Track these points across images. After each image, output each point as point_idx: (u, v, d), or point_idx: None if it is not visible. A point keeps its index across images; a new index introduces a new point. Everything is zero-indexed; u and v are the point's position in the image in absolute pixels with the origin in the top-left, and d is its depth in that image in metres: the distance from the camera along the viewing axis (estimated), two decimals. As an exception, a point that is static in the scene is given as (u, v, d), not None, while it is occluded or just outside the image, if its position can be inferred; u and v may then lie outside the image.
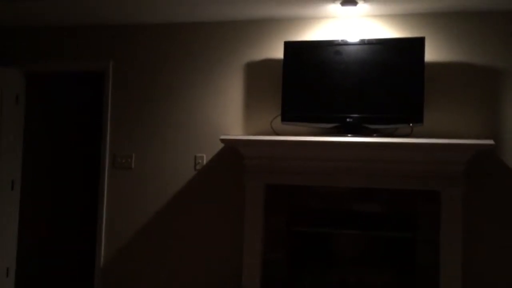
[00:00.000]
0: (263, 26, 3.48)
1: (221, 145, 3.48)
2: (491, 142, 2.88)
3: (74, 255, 4.86)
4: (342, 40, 3.21)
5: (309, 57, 3.25)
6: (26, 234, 4.06)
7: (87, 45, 3.80)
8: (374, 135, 3.12)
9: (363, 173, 3.12)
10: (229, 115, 3.52)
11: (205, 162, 3.54)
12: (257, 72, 3.48)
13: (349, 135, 3.10)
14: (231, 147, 3.40)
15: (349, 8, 3.13)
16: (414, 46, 3.10)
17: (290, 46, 3.28)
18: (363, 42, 3.18)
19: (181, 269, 3.54)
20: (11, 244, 3.81)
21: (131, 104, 3.69)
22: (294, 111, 3.25)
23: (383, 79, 3.14)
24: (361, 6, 3.11)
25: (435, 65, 3.19)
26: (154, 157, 3.64)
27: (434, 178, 3.04)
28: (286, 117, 3.25)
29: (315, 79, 3.24)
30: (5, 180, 3.77)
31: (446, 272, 2.99)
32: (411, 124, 3.06)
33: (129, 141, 3.68)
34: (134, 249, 3.63)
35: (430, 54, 3.17)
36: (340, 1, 3.03)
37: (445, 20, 3.22)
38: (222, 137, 3.21)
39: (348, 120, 3.14)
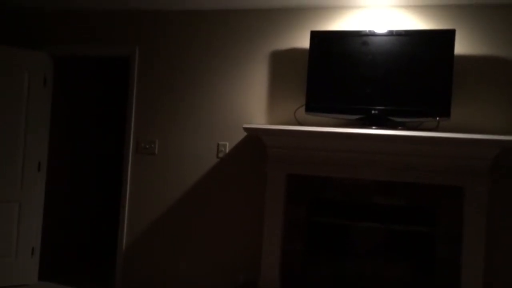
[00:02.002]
0: (289, 15, 3.46)
1: (244, 134, 3.50)
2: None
3: (97, 237, 4.97)
4: (369, 31, 3.16)
5: (335, 47, 3.22)
6: (51, 215, 4.16)
7: (114, 30, 3.83)
8: (399, 128, 3.09)
9: (386, 166, 3.10)
10: (253, 104, 3.52)
11: (227, 150, 3.56)
12: (282, 61, 3.47)
13: (373, 127, 3.07)
14: (254, 136, 3.40)
15: (378, -2, 3.08)
16: (444, 38, 3.03)
17: (317, 36, 3.25)
18: (391, 33, 3.13)
19: (201, 254, 3.59)
20: (36, 224, 3.90)
21: (156, 90, 3.72)
22: (319, 102, 3.23)
23: (410, 71, 3.09)
24: (391, -4, 3.06)
25: (462, 58, 3.13)
26: (177, 143, 3.67)
27: (458, 173, 2.99)
28: (310, 107, 3.24)
29: (341, 69, 3.21)
30: (32, 161, 3.85)
31: (468, 268, 2.96)
32: (437, 118, 3.02)
33: (153, 126, 3.72)
34: (156, 232, 3.69)
35: (458, 47, 3.11)
36: (369, -9, 2.99)
37: (475, 12, 3.14)
38: (245, 125, 3.21)
39: (373, 112, 3.11)
